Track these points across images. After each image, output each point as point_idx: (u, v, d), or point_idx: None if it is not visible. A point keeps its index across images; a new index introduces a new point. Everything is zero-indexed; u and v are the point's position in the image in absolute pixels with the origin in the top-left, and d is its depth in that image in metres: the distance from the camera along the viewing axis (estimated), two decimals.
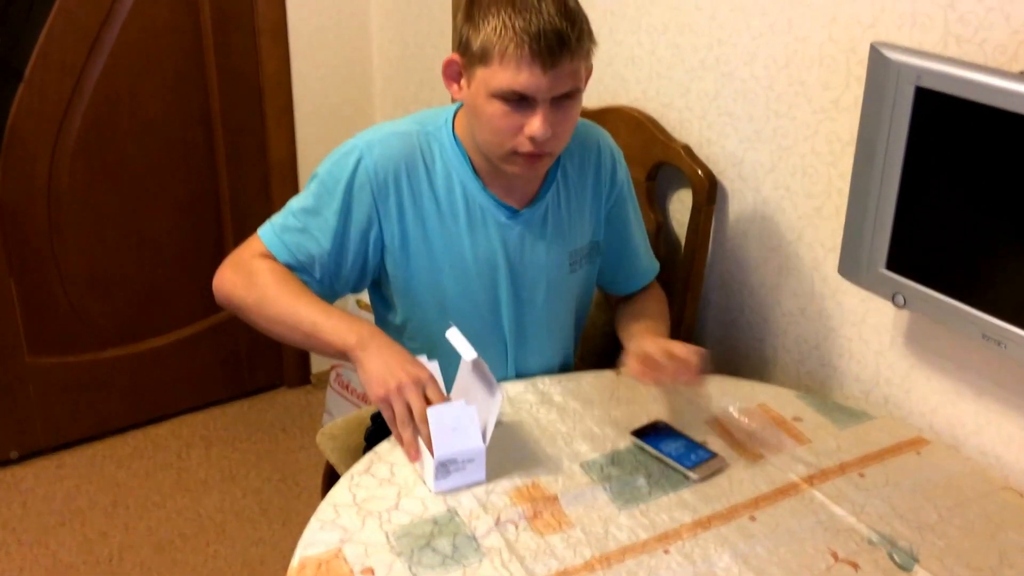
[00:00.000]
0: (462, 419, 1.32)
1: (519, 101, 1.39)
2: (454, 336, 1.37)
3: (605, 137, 1.68)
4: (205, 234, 2.91)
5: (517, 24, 1.34)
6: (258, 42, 2.77)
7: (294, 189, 2.94)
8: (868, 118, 1.44)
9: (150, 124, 2.70)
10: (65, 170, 2.61)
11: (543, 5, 1.35)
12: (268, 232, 1.54)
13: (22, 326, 2.67)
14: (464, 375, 1.41)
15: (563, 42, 1.35)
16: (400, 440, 1.37)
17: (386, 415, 1.37)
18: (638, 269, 1.78)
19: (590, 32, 1.41)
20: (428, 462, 1.33)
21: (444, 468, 1.32)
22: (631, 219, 1.73)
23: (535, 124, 1.39)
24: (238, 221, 2.91)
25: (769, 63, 1.75)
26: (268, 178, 2.93)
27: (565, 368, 1.73)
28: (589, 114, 1.99)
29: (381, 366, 1.37)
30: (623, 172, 1.69)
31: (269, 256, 1.52)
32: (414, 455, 1.36)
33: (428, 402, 1.34)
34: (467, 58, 1.42)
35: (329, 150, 1.54)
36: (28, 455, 2.79)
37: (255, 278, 1.49)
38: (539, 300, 1.63)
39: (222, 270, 1.54)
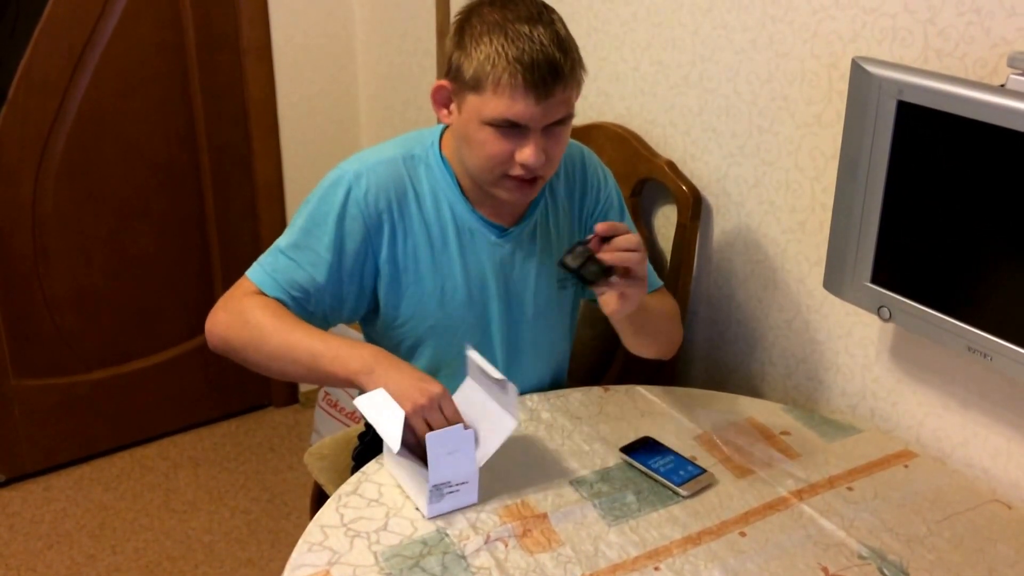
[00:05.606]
0: (461, 443, 1.30)
1: (511, 128, 1.39)
2: (476, 356, 1.38)
3: (592, 157, 1.67)
4: (192, 255, 2.90)
5: (510, 53, 1.33)
6: (243, 62, 2.77)
7: (281, 209, 2.94)
8: (851, 132, 1.45)
9: (135, 145, 2.70)
10: (50, 191, 2.60)
11: (535, 34, 1.34)
12: (257, 272, 1.51)
13: (7, 348, 2.66)
14: (475, 392, 1.41)
15: (556, 72, 1.35)
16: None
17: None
18: None
19: (581, 60, 1.41)
20: (420, 486, 1.32)
21: (438, 491, 1.31)
22: None
23: (527, 152, 1.39)
24: (225, 242, 2.91)
25: (752, 79, 1.76)
26: (254, 199, 2.93)
27: (556, 387, 1.72)
28: (573, 131, 1.99)
29: (393, 387, 1.34)
30: (611, 192, 1.67)
31: (260, 293, 1.49)
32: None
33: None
34: (458, 84, 1.41)
35: (316, 170, 1.54)
36: (14, 478, 2.78)
37: (247, 315, 1.46)
38: (529, 318, 1.62)
39: (213, 314, 1.51)
